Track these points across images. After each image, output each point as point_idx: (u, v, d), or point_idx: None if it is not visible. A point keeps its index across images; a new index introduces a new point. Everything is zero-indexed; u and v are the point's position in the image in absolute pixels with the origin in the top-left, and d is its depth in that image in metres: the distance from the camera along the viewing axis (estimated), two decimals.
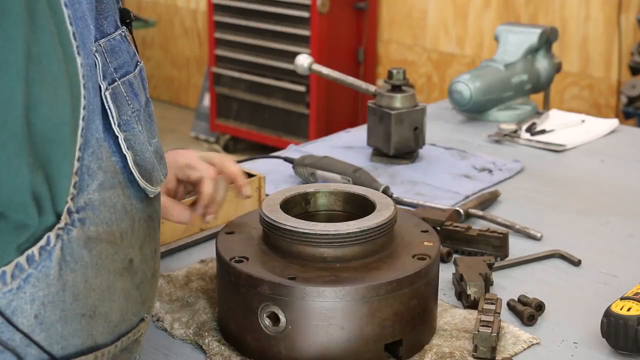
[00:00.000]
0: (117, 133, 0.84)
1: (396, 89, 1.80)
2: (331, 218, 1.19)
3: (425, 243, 1.13)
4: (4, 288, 0.75)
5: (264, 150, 4.09)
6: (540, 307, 1.20)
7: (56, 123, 0.77)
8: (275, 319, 1.04)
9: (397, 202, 1.56)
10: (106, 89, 0.83)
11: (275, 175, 1.70)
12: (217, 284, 1.16)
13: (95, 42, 0.82)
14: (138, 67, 0.90)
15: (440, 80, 4.41)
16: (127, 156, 0.85)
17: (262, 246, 1.12)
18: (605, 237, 1.48)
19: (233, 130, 4.84)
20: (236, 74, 4.70)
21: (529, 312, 1.18)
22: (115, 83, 0.85)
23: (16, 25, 0.73)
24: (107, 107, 0.83)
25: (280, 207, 1.12)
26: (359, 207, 1.17)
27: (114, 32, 0.86)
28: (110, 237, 0.83)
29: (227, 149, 4.94)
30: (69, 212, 0.78)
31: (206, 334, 1.13)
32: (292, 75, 4.38)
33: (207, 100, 5.06)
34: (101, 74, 0.83)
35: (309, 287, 1.02)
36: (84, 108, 0.80)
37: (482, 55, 4.15)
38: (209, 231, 1.41)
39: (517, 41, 2.19)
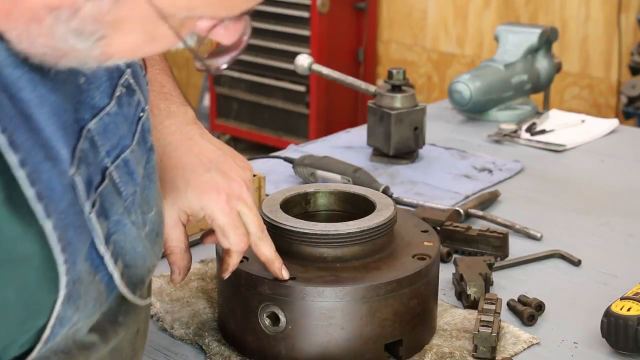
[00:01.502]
0: (102, 254, 0.73)
1: (396, 89, 1.80)
2: (331, 218, 1.19)
3: (425, 243, 1.13)
4: None
5: (264, 150, 4.09)
6: (540, 307, 1.20)
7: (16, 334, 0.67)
8: (275, 319, 1.04)
9: (397, 202, 1.56)
10: (92, 205, 0.71)
11: (275, 175, 1.70)
12: (217, 284, 1.16)
13: (76, 146, 0.69)
14: (140, 123, 0.78)
15: (440, 80, 4.41)
16: (114, 274, 0.74)
17: None
18: (605, 237, 1.48)
19: (233, 130, 4.84)
20: (236, 74, 4.70)
21: (529, 312, 1.18)
22: (105, 180, 0.73)
23: None
24: (91, 229, 0.71)
25: (280, 207, 1.12)
26: (359, 207, 1.17)
27: (108, 103, 0.74)
28: None
29: None
30: None
31: (206, 334, 1.13)
32: (292, 75, 4.38)
33: (207, 100, 5.06)
34: (85, 191, 0.70)
35: (309, 287, 1.02)
36: (67, 272, 0.67)
37: (482, 55, 4.15)
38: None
39: (517, 41, 2.19)
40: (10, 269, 0.65)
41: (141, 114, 0.79)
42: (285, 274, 1.02)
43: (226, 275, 1.03)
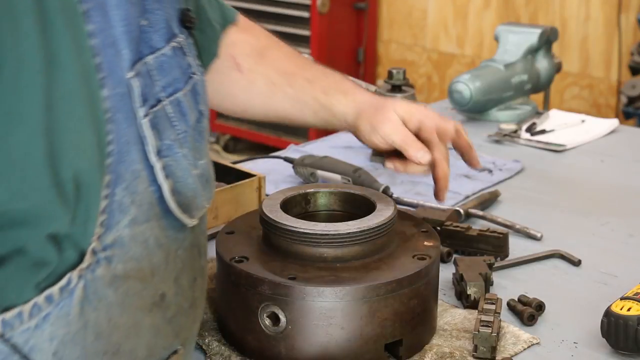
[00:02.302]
0: (153, 163, 0.79)
1: (396, 89, 1.80)
2: (331, 218, 1.19)
3: (425, 243, 1.13)
4: (22, 326, 0.72)
5: (264, 150, 4.09)
6: (540, 307, 1.20)
7: (85, 168, 0.73)
8: (275, 319, 1.04)
9: (397, 202, 1.56)
10: (145, 114, 0.78)
11: (275, 175, 1.70)
12: (217, 284, 1.16)
13: (137, 62, 0.77)
14: (191, 81, 0.85)
15: (440, 80, 4.41)
16: (164, 186, 0.80)
17: (262, 246, 1.12)
18: (605, 237, 1.48)
19: (233, 130, 4.84)
20: None
21: (529, 312, 1.18)
22: (159, 105, 0.80)
23: (33, 75, 0.69)
24: (142, 135, 0.78)
25: (280, 207, 1.12)
26: (359, 207, 1.17)
27: (164, 46, 0.81)
28: (140, 273, 0.78)
29: (227, 149, 4.94)
30: (94, 252, 0.74)
31: (206, 334, 1.13)
32: None
33: None
34: (140, 99, 0.77)
35: (309, 287, 1.02)
36: (110, 143, 0.75)
37: (482, 55, 4.15)
38: (209, 231, 1.41)
39: (517, 41, 2.19)
40: None
41: (192, 75, 0.85)
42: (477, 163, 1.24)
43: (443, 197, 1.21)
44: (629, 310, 1.09)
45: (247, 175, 1.49)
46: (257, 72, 1.27)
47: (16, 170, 0.69)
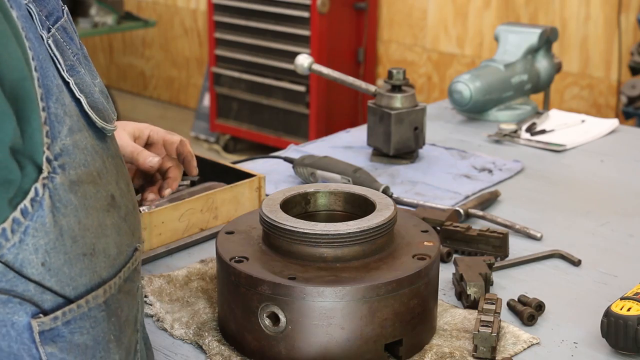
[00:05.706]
0: (67, 79, 0.86)
1: (396, 89, 1.80)
2: (331, 218, 1.19)
3: (425, 243, 1.13)
4: (8, 244, 0.78)
5: (264, 150, 4.10)
6: (540, 307, 1.20)
7: (18, 79, 0.79)
8: (275, 319, 1.04)
9: (397, 202, 1.56)
10: (48, 37, 0.84)
11: (275, 175, 1.70)
12: (217, 284, 1.16)
13: None
14: (64, 11, 0.91)
15: (440, 80, 4.41)
16: (82, 100, 0.87)
17: (262, 246, 1.12)
18: (605, 237, 1.48)
19: (233, 130, 4.84)
20: (236, 74, 4.70)
21: (529, 312, 1.18)
22: (52, 30, 0.86)
23: None
24: (52, 55, 0.84)
25: (280, 207, 1.13)
26: (359, 207, 1.17)
27: None
28: (90, 177, 0.85)
29: (227, 149, 4.94)
30: (49, 161, 0.81)
31: (206, 334, 1.13)
32: (292, 75, 4.38)
33: (207, 100, 5.06)
34: (39, 24, 0.84)
35: (309, 287, 1.02)
36: (32, 59, 0.81)
37: (482, 55, 4.16)
38: (209, 231, 1.41)
39: (517, 41, 2.20)
40: None
41: (63, 8, 0.91)
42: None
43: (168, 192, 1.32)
44: (629, 310, 1.09)
45: (247, 175, 1.49)
46: None
47: None
